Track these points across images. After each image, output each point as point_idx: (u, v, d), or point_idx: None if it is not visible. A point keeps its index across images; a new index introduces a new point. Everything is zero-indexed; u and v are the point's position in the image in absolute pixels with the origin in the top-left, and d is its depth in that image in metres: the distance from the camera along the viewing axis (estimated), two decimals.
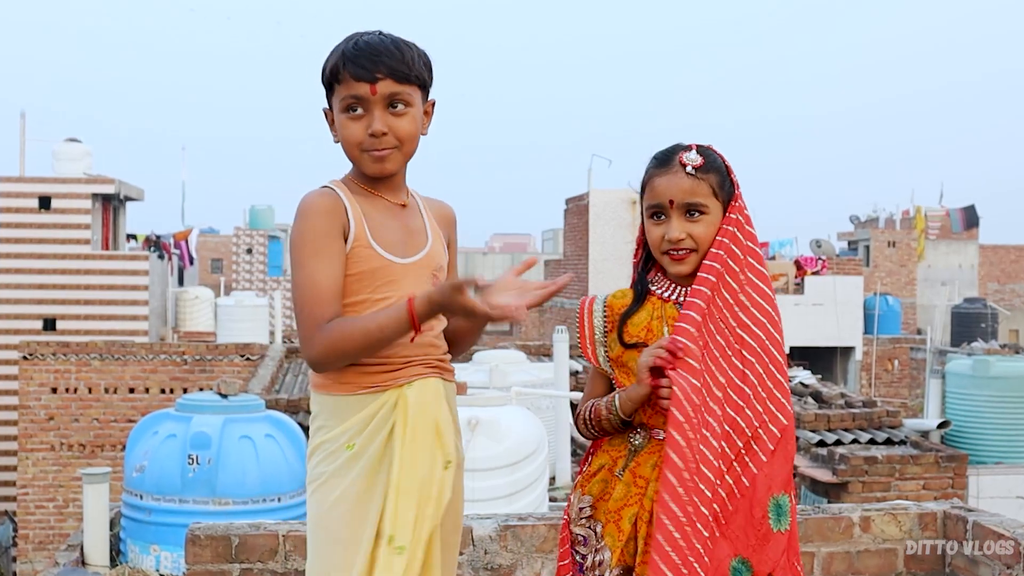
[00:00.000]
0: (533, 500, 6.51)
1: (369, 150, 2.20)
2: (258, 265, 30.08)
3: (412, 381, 2.20)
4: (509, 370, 10.46)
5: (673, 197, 2.25)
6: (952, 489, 8.78)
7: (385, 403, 2.18)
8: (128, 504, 6.50)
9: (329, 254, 2.14)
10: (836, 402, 10.34)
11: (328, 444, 2.20)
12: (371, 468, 2.16)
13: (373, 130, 2.18)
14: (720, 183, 2.28)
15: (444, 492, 2.18)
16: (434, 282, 2.24)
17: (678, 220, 2.26)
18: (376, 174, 2.23)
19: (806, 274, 19.54)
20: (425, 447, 2.16)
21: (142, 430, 6.70)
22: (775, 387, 2.23)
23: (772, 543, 2.19)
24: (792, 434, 2.24)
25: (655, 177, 2.29)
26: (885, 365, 21.65)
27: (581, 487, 2.35)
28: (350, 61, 2.18)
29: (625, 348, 2.32)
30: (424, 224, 2.31)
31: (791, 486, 2.25)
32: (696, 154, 2.27)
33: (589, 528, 2.30)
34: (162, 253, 21.62)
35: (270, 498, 6.33)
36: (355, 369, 2.18)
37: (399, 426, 2.16)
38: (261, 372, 14.09)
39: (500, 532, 3.75)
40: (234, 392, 6.88)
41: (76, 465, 14.62)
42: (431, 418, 2.19)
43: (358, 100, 2.18)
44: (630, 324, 2.32)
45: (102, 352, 15.18)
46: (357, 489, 2.16)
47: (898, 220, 35.06)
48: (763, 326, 2.24)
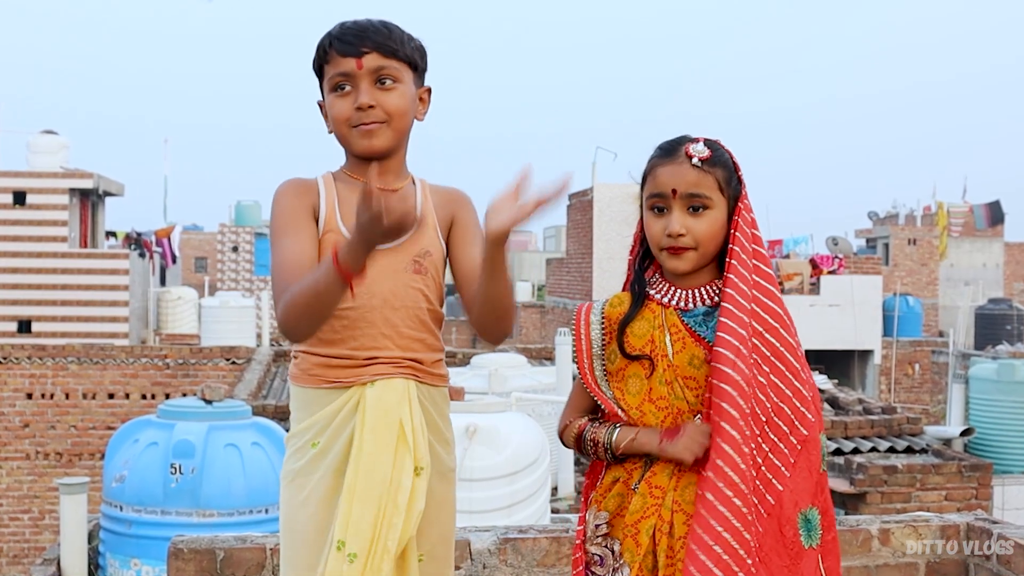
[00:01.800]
0: (534, 512, 6.50)
1: (356, 125, 2.23)
2: (244, 264, 30.10)
3: (375, 380, 2.21)
4: (509, 375, 10.46)
5: (676, 187, 2.23)
6: (976, 500, 8.78)
7: (348, 401, 2.20)
8: (107, 516, 6.50)
9: (296, 230, 2.20)
10: (854, 408, 10.35)
11: (295, 439, 2.26)
12: (336, 468, 2.19)
13: (359, 103, 2.21)
14: (727, 179, 2.26)
15: (416, 500, 2.18)
16: (415, 269, 2.25)
17: (680, 213, 2.24)
18: (364, 151, 2.25)
19: (822, 273, 19.55)
20: (386, 450, 2.17)
21: (122, 438, 6.70)
22: (794, 395, 2.21)
23: (805, 561, 2.17)
24: (814, 444, 2.22)
25: (658, 166, 2.27)
26: (905, 369, 21.66)
27: (596, 503, 2.31)
28: (336, 39, 2.24)
29: (628, 360, 2.28)
30: (415, 207, 2.26)
31: (820, 498, 2.22)
32: (703, 146, 2.25)
33: (606, 547, 2.26)
34: (143, 251, 21.63)
35: (257, 510, 6.33)
36: (321, 361, 2.22)
37: (358, 427, 2.18)
38: (248, 377, 14.08)
39: (499, 545, 3.74)
40: (219, 398, 6.88)
41: (52, 475, 14.61)
42: (394, 420, 2.19)
43: (345, 77, 2.23)
44: (630, 334, 2.29)
45: (80, 355, 15.18)
46: (322, 490, 2.19)
47: (919, 216, 35.08)
48: (776, 331, 2.22)
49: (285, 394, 13.98)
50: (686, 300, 2.28)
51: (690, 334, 2.25)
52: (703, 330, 2.24)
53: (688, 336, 2.24)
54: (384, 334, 2.23)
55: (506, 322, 2.23)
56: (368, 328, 2.23)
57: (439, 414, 2.31)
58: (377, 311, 2.23)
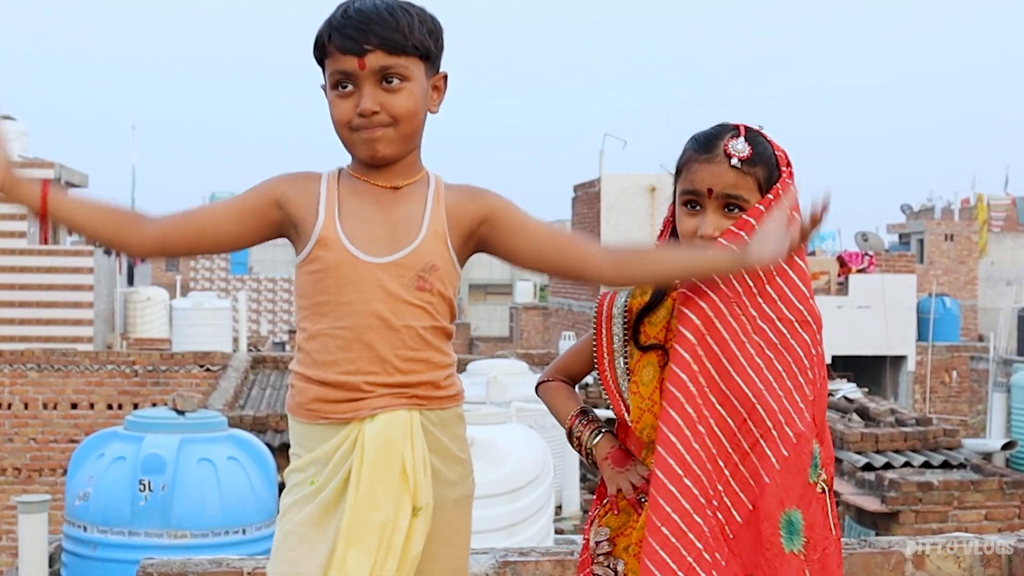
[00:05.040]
0: (536, 532, 6.52)
1: (359, 129, 2.21)
2: (219, 262, 30.13)
3: (375, 415, 2.20)
4: (509, 382, 10.46)
5: (713, 187, 2.26)
6: (1019, 519, 8.79)
7: (346, 438, 2.20)
8: (70, 537, 6.51)
9: (226, 204, 2.30)
10: (885, 419, 10.36)
11: (295, 474, 2.26)
12: (325, 506, 2.19)
13: (362, 108, 2.18)
14: (767, 177, 2.28)
15: (412, 543, 2.19)
16: (419, 286, 2.23)
17: (714, 215, 2.27)
18: (368, 158, 2.23)
19: (851, 272, 19.56)
20: (388, 490, 2.17)
21: (86, 452, 6.71)
22: (795, 388, 2.24)
23: (786, 567, 2.20)
24: (807, 445, 2.25)
25: (694, 162, 2.29)
26: (942, 377, 21.67)
27: (598, 519, 2.36)
28: (336, 31, 2.19)
29: (641, 352, 2.34)
30: (423, 214, 2.25)
31: (805, 504, 2.24)
32: (744, 143, 2.26)
33: (608, 567, 2.31)
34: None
35: (233, 530, 6.34)
36: (318, 394, 2.21)
37: (355, 468, 2.18)
38: (223, 385, 14.10)
39: (499, 569, 3.75)
40: (192, 408, 6.88)
41: (10, 492, 14.60)
42: (395, 457, 2.19)
43: (347, 76, 2.19)
44: (647, 323, 2.34)
45: (40, 362, 15.19)
46: (306, 525, 2.20)
47: (957, 210, 35.10)
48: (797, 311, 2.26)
49: (264, 403, 13.98)
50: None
51: None
52: None
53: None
54: (382, 357, 2.20)
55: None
56: (364, 351, 2.20)
57: (451, 436, 2.29)
58: (374, 331, 2.20)
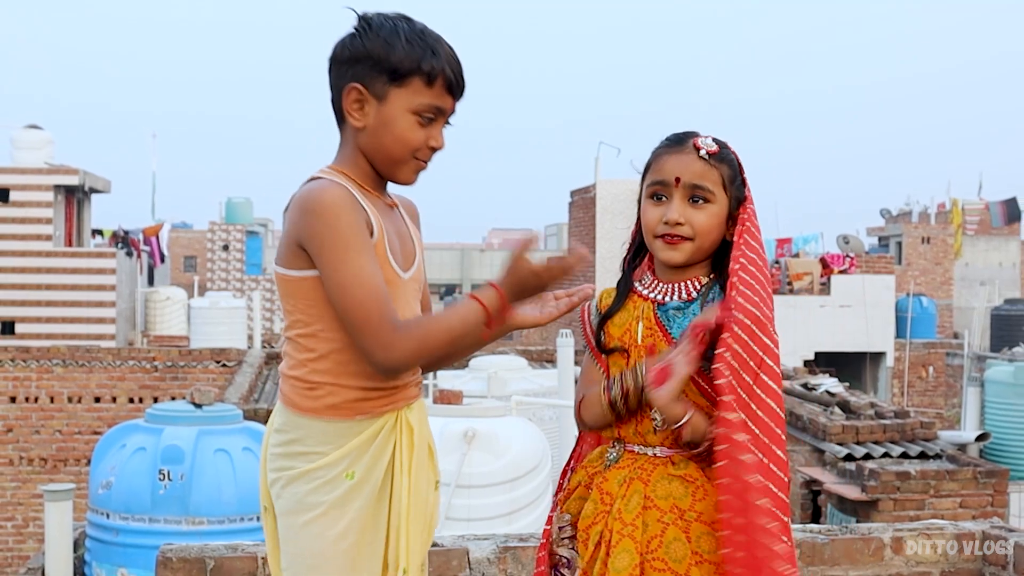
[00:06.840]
0: (535, 520, 6.51)
1: (420, 159, 2.26)
2: (235, 263, 30.11)
3: (411, 404, 2.27)
4: (509, 378, 10.48)
5: (681, 175, 2.28)
6: (992, 507, 8.78)
7: (383, 427, 2.22)
8: (93, 523, 6.50)
9: (369, 251, 2.13)
10: (865, 412, 10.34)
11: (323, 471, 2.22)
12: (375, 498, 2.21)
13: (436, 144, 2.25)
14: (731, 178, 2.31)
15: (436, 514, 2.30)
16: (418, 290, 2.32)
17: (680, 203, 2.28)
18: (405, 183, 2.29)
19: (832, 273, 19.56)
20: (425, 471, 2.27)
21: (109, 443, 6.71)
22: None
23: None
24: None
25: (664, 155, 2.32)
26: (919, 372, 21.67)
27: (560, 505, 2.39)
28: (453, 71, 2.23)
29: (605, 354, 2.36)
30: (408, 229, 2.35)
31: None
32: (712, 140, 2.31)
33: (572, 549, 2.33)
34: (130, 250, 21.64)
35: (248, 517, 6.34)
36: (357, 396, 2.21)
37: (404, 452, 2.23)
38: (238, 380, 14.09)
39: (499, 554, 3.75)
40: (209, 401, 6.88)
41: (37, 481, 14.61)
42: (426, 441, 2.30)
43: (439, 112, 2.24)
44: (611, 324, 2.36)
45: (65, 358, 15.18)
46: (362, 521, 2.20)
47: (933, 214, 35.09)
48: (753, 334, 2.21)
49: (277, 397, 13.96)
50: (665, 293, 2.34)
51: (659, 327, 2.30)
52: (670, 325, 2.30)
53: (657, 329, 2.30)
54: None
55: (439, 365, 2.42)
56: None
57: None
58: None
